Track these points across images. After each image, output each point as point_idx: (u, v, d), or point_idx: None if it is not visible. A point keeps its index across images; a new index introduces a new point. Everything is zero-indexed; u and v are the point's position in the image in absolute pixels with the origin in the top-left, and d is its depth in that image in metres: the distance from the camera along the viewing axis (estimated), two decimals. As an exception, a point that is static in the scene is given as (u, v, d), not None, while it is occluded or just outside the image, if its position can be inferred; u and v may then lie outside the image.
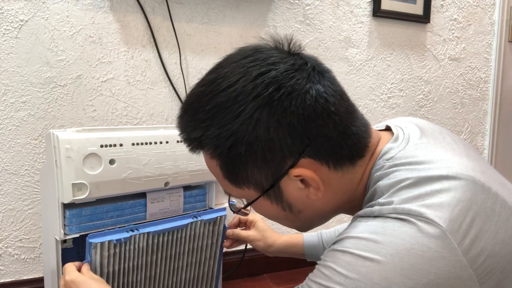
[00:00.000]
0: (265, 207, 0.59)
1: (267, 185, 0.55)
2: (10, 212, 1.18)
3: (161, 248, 0.86)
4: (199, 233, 0.90)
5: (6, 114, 1.14)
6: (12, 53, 1.13)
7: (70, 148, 0.77)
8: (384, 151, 0.57)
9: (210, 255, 0.93)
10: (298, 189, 0.55)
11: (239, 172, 0.55)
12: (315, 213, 0.60)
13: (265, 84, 0.51)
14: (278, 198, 0.57)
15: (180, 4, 1.29)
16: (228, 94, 0.52)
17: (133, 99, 1.27)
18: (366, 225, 0.49)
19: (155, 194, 0.91)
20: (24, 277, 1.21)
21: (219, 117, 0.52)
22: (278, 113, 0.51)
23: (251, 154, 0.52)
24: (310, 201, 0.57)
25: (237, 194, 0.59)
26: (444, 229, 0.46)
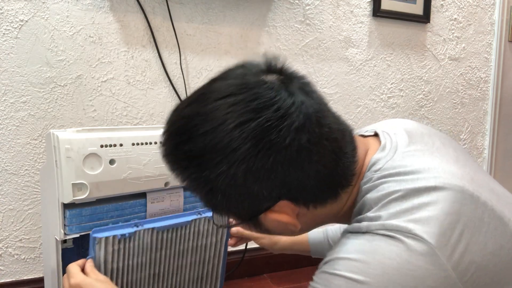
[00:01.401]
0: (247, 228, 0.62)
1: (246, 217, 0.56)
2: (10, 212, 1.18)
3: (165, 245, 0.85)
4: (203, 231, 0.89)
5: (6, 114, 1.14)
6: (12, 53, 1.13)
7: (70, 148, 0.77)
8: (372, 162, 0.56)
9: (214, 254, 0.92)
10: (276, 223, 0.55)
11: (217, 208, 0.56)
12: (295, 233, 0.60)
13: (243, 138, 0.48)
14: (258, 226, 0.57)
15: (180, 4, 1.29)
16: (206, 141, 0.50)
17: (133, 99, 1.27)
18: (355, 244, 0.49)
19: (155, 194, 0.91)
20: (24, 277, 1.22)
21: (196, 162, 0.51)
22: (255, 169, 0.49)
23: (228, 200, 0.52)
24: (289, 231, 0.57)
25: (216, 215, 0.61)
26: (433, 246, 0.45)
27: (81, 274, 0.71)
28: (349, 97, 1.60)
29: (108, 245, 0.77)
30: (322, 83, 1.54)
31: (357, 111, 1.63)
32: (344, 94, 1.59)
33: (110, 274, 0.78)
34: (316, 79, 1.53)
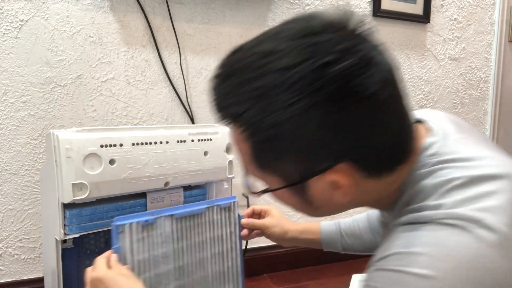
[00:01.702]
0: (284, 197, 0.55)
1: (295, 179, 0.50)
2: (10, 212, 1.18)
3: (185, 234, 0.84)
4: (216, 220, 0.88)
5: (6, 114, 1.14)
6: (12, 53, 1.13)
7: (70, 148, 0.77)
8: (425, 146, 0.51)
9: (231, 247, 0.91)
10: (325, 190, 0.50)
11: (270, 161, 0.49)
12: (334, 209, 0.56)
13: (329, 78, 0.44)
14: (302, 193, 0.52)
15: (180, 4, 1.29)
16: (283, 77, 0.44)
17: (133, 99, 1.27)
18: (417, 236, 0.45)
19: (155, 194, 0.91)
20: (24, 277, 1.21)
21: (266, 101, 0.45)
22: (336, 116, 0.45)
23: (290, 149, 0.47)
24: (332, 201, 0.52)
25: (258, 177, 0.54)
26: (506, 236, 0.42)
27: (104, 267, 0.69)
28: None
29: (133, 234, 0.76)
30: (322, 83, 1.54)
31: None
32: (344, 94, 1.58)
33: (137, 267, 0.76)
34: (316, 79, 1.53)
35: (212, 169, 0.97)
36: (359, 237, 0.91)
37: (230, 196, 0.93)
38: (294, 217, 1.55)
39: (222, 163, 0.99)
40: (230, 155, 1.01)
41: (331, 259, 1.59)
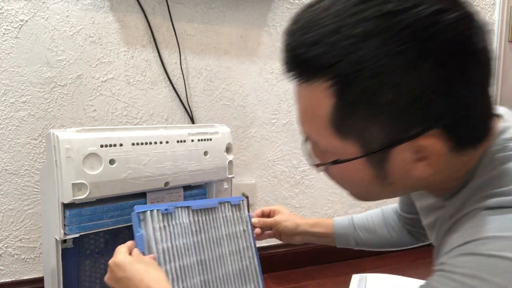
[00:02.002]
0: (354, 169, 0.48)
1: (377, 146, 0.44)
2: (10, 212, 1.18)
3: (202, 227, 0.84)
4: (228, 217, 0.89)
5: (6, 114, 1.14)
6: (12, 53, 1.13)
7: (70, 148, 0.77)
8: (500, 130, 0.48)
9: (246, 245, 0.89)
10: (408, 161, 0.45)
11: (355, 123, 0.44)
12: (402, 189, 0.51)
13: (442, 27, 0.40)
14: (379, 164, 0.46)
15: (180, 4, 1.29)
16: (389, 23, 0.39)
17: (133, 99, 1.27)
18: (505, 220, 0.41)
19: (155, 194, 0.91)
20: (24, 277, 1.22)
21: (366, 49, 0.40)
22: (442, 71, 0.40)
23: (384, 108, 0.41)
24: (408, 176, 0.47)
25: (328, 145, 0.48)
26: None
27: (124, 253, 0.67)
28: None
29: (154, 221, 0.76)
30: (322, 83, 1.54)
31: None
32: (344, 94, 1.59)
33: (161, 255, 0.76)
34: (316, 79, 1.53)
35: (212, 169, 0.97)
36: (373, 232, 0.90)
37: (237, 196, 0.94)
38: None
39: (222, 163, 0.99)
40: (230, 155, 1.01)
41: (331, 259, 1.59)
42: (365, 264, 1.62)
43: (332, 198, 1.61)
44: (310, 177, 1.56)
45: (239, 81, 1.40)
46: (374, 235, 0.91)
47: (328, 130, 0.46)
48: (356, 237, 0.91)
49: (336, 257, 1.61)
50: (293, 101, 1.50)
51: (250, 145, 1.45)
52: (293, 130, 1.51)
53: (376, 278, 1.15)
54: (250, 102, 1.43)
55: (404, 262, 1.67)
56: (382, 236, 0.90)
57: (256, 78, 1.42)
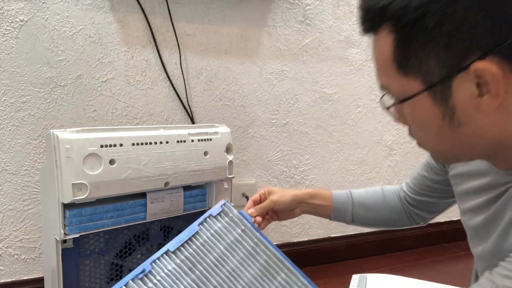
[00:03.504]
0: (422, 109, 0.50)
1: (437, 78, 0.47)
2: (10, 212, 1.18)
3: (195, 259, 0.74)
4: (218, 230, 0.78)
5: (6, 114, 1.14)
6: (12, 53, 1.13)
7: (70, 148, 0.77)
8: None
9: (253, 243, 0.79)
10: (470, 94, 0.46)
11: (414, 53, 0.47)
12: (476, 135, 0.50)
13: None
14: (444, 98, 0.48)
15: (180, 4, 1.29)
16: None
17: (133, 99, 1.27)
18: None
19: (155, 194, 0.91)
20: (24, 277, 1.22)
21: None
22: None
23: (437, 32, 0.45)
24: (477, 115, 0.47)
25: (397, 86, 0.52)
26: None
27: None
28: (349, 97, 1.60)
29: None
30: (322, 83, 1.54)
31: (357, 111, 1.63)
32: (344, 94, 1.59)
33: None
34: (316, 79, 1.53)
35: (212, 169, 0.97)
36: (372, 210, 0.90)
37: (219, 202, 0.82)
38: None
39: (222, 163, 0.99)
40: (230, 155, 1.01)
41: (331, 259, 1.59)
42: (365, 264, 1.62)
43: (332, 198, 1.61)
44: (310, 177, 1.56)
45: (239, 81, 1.40)
46: (372, 213, 0.89)
47: (393, 70, 0.50)
48: (354, 212, 0.89)
49: (336, 257, 1.61)
50: (293, 101, 1.50)
51: (250, 145, 1.45)
52: (293, 130, 1.51)
53: (376, 278, 1.15)
54: (250, 102, 1.43)
55: (404, 262, 1.67)
56: (381, 214, 0.89)
57: (256, 78, 1.42)
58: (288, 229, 1.55)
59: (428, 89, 0.48)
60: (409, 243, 1.80)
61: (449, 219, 1.90)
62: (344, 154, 1.63)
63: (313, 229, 1.61)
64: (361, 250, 1.68)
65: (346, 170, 1.64)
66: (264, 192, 0.89)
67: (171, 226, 0.99)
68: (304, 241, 1.59)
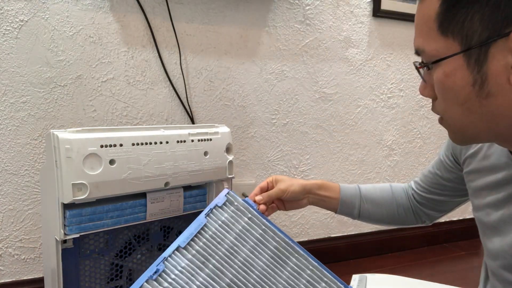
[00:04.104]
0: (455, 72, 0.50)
1: (477, 41, 0.47)
2: (10, 212, 1.18)
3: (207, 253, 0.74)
4: (226, 220, 0.78)
5: (6, 114, 1.14)
6: (12, 53, 1.13)
7: (70, 148, 0.77)
8: None
9: (261, 230, 0.79)
10: (506, 64, 0.46)
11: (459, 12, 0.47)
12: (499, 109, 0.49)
13: None
14: (478, 63, 0.48)
15: (180, 4, 1.29)
16: None
17: (133, 99, 1.27)
18: None
19: (155, 194, 0.91)
20: (24, 277, 1.22)
21: None
22: None
23: None
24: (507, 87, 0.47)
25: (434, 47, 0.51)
26: None
27: None
28: (349, 97, 1.60)
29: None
30: (322, 83, 1.54)
31: (357, 111, 1.63)
32: (344, 94, 1.59)
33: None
34: (316, 79, 1.53)
35: (212, 169, 0.97)
36: (379, 206, 0.88)
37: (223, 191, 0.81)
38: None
39: (222, 163, 0.99)
40: (230, 155, 1.01)
41: (331, 259, 1.59)
42: (365, 264, 1.62)
43: (332, 198, 1.61)
44: (310, 177, 1.56)
45: (239, 81, 1.40)
46: (379, 209, 0.88)
47: (433, 30, 0.50)
48: (362, 206, 0.88)
49: (336, 257, 1.61)
50: (293, 101, 1.50)
51: (250, 145, 1.45)
52: (293, 130, 1.51)
53: (376, 278, 1.15)
54: (250, 102, 1.43)
55: (404, 262, 1.67)
56: (388, 211, 0.88)
57: (256, 78, 1.42)
58: (288, 229, 1.55)
59: (465, 51, 0.48)
60: (409, 243, 1.80)
61: (449, 219, 1.91)
62: (344, 154, 1.63)
63: (313, 229, 1.61)
64: (361, 250, 1.68)
65: (346, 170, 1.64)
66: (272, 180, 0.87)
67: (171, 226, 0.99)
68: (304, 241, 1.59)
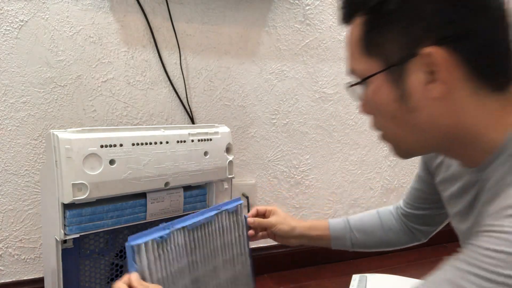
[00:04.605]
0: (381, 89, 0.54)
1: (395, 60, 0.51)
2: (10, 212, 1.18)
3: (198, 244, 0.82)
4: (226, 226, 0.86)
5: (6, 114, 1.14)
6: (12, 54, 1.13)
7: (70, 148, 0.77)
8: None
9: (241, 251, 0.88)
10: (422, 79, 0.50)
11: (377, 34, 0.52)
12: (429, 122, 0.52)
13: None
14: (399, 80, 0.52)
15: (180, 4, 1.29)
16: None
17: (133, 99, 1.27)
18: None
19: (155, 194, 0.91)
20: (24, 278, 1.22)
21: None
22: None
23: (398, 16, 0.50)
24: (429, 102, 0.51)
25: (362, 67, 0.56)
26: None
27: None
28: (349, 97, 1.60)
29: (149, 253, 0.72)
30: (322, 83, 1.54)
31: (357, 111, 1.62)
32: (344, 94, 1.58)
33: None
34: (316, 79, 1.53)
35: (212, 169, 0.97)
36: (370, 233, 0.91)
37: (235, 199, 0.91)
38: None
39: (222, 163, 0.99)
40: (230, 155, 1.01)
41: (331, 259, 1.59)
42: (365, 264, 1.62)
43: (332, 198, 1.61)
44: (310, 177, 1.56)
45: (239, 81, 1.40)
46: (370, 236, 0.91)
47: (360, 52, 0.55)
48: (353, 238, 0.91)
49: (336, 257, 1.61)
50: (293, 101, 1.50)
51: (250, 145, 1.45)
52: (293, 130, 1.51)
53: (376, 278, 1.15)
54: (250, 102, 1.43)
55: (404, 262, 1.67)
56: (379, 237, 0.90)
57: (256, 78, 1.42)
58: (288, 229, 1.55)
59: (386, 69, 0.53)
60: (409, 243, 1.80)
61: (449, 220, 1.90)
62: (344, 154, 1.63)
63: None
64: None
65: (346, 170, 1.64)
66: (271, 210, 0.93)
67: (171, 226, 0.99)
68: (304, 241, 1.59)
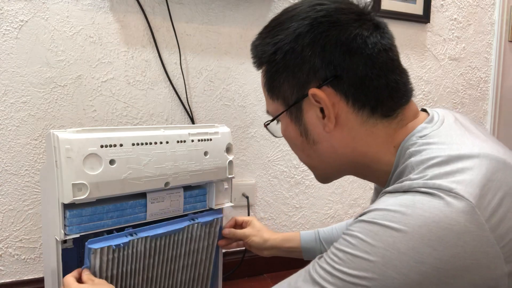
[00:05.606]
0: (287, 126, 0.64)
1: (291, 101, 0.60)
2: (10, 212, 1.18)
3: (159, 251, 0.85)
4: (195, 236, 0.90)
5: (6, 114, 1.14)
6: (12, 54, 1.13)
7: (70, 148, 0.77)
8: (418, 129, 0.58)
9: (206, 257, 0.93)
10: (316, 117, 0.59)
11: (274, 81, 0.61)
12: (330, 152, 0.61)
13: (318, 10, 0.57)
14: (298, 118, 0.61)
15: (180, 4, 1.29)
16: (288, 14, 0.60)
17: (133, 99, 1.27)
18: (395, 199, 0.50)
19: (155, 194, 0.91)
20: (24, 278, 1.22)
21: (274, 31, 0.60)
22: (316, 34, 0.56)
23: (285, 63, 0.59)
24: (326, 135, 0.60)
25: (271, 108, 0.65)
26: (473, 205, 0.46)
27: (76, 283, 0.73)
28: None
29: (103, 255, 0.77)
30: (322, 83, 1.54)
31: (357, 111, 1.62)
32: (344, 94, 1.58)
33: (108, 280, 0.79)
34: (316, 79, 1.53)
35: (212, 169, 0.97)
36: None
37: (217, 210, 0.94)
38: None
39: (222, 163, 0.99)
40: (230, 155, 1.01)
41: (331, 259, 1.59)
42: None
43: (332, 198, 1.61)
44: (310, 177, 1.56)
45: (239, 81, 1.40)
46: None
47: (267, 95, 0.64)
48: (322, 250, 0.95)
49: (336, 257, 1.61)
50: (293, 101, 1.50)
51: (250, 145, 1.45)
52: (293, 130, 1.51)
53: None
54: (250, 102, 1.43)
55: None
56: None
57: (256, 78, 1.42)
58: (288, 229, 1.55)
59: (287, 109, 0.62)
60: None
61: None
62: (344, 154, 1.63)
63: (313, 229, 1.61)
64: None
65: (346, 170, 1.64)
66: (248, 221, 1.01)
67: (171, 226, 0.99)
68: (304, 241, 1.59)
